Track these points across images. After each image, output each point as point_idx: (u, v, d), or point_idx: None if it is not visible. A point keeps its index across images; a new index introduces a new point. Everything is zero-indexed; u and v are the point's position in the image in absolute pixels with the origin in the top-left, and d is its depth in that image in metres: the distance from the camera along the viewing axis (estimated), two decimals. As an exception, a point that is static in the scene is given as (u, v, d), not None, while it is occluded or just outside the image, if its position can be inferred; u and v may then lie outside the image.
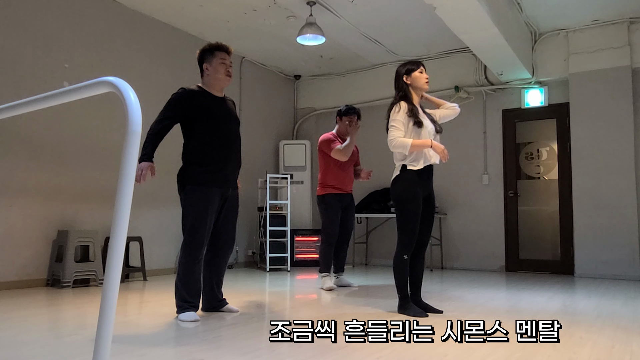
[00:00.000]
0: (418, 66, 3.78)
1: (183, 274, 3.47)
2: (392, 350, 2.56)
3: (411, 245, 3.61)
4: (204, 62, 3.64)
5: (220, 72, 3.59)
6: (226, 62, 3.62)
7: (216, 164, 3.53)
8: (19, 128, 5.00)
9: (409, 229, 3.59)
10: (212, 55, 3.61)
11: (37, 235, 5.10)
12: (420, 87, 3.78)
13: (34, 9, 5.18)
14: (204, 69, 3.64)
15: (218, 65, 3.59)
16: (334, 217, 5.05)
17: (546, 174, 7.04)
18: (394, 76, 3.85)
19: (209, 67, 3.61)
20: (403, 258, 3.59)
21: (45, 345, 2.74)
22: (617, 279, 6.09)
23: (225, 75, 3.61)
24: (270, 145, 8.35)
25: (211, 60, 3.60)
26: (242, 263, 7.61)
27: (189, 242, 3.47)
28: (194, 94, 3.54)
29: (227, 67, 3.61)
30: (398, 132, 3.60)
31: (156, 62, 6.38)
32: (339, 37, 6.91)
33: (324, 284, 4.99)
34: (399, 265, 3.60)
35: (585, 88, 6.53)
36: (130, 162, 1.40)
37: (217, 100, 3.63)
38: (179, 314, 3.44)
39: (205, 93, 3.60)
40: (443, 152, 3.59)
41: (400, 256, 3.59)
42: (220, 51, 3.62)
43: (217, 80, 3.61)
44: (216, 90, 3.65)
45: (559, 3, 5.99)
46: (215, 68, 3.59)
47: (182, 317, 3.38)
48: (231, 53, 3.68)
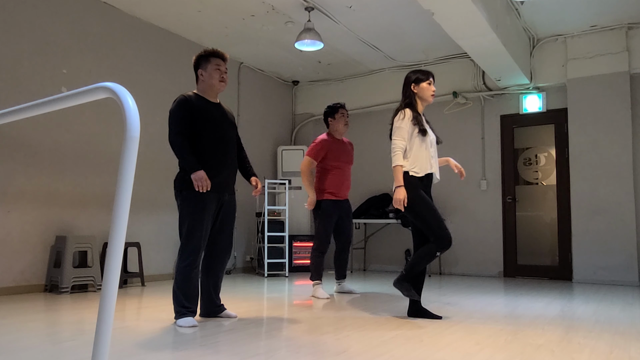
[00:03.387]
0: (427, 77, 3.82)
1: (181, 279, 3.47)
2: (390, 356, 2.56)
3: (447, 237, 3.56)
4: (199, 68, 3.67)
5: (214, 78, 3.62)
6: (221, 68, 3.65)
7: (212, 169, 3.55)
8: (17, 133, 5.00)
9: (434, 220, 3.58)
10: (207, 61, 3.64)
11: (35, 241, 5.09)
12: (426, 98, 3.82)
13: (32, 14, 5.19)
14: (199, 75, 3.67)
15: (213, 71, 3.62)
16: (328, 226, 4.98)
17: (544, 180, 7.05)
18: (403, 81, 3.90)
19: (203, 73, 3.64)
20: (435, 254, 3.59)
21: (44, 350, 2.73)
22: (615, 284, 6.09)
23: (220, 81, 3.65)
24: (268, 151, 8.36)
25: (206, 66, 3.63)
26: (240, 269, 7.60)
27: (186, 248, 3.47)
28: (191, 98, 3.58)
29: (221, 73, 3.65)
30: (401, 143, 3.63)
31: (154, 68, 6.39)
32: (337, 42, 6.93)
33: (315, 293, 4.88)
34: (427, 256, 3.58)
35: (584, 94, 6.55)
36: (128, 168, 1.40)
37: (213, 106, 3.66)
38: (176, 320, 3.44)
39: (201, 98, 3.63)
40: (397, 201, 3.57)
41: (434, 251, 3.58)
42: (215, 57, 3.65)
43: (212, 86, 3.64)
44: (211, 96, 3.68)
45: (558, 9, 6.01)
46: (210, 74, 3.62)
47: (180, 323, 3.38)
48: (226, 59, 3.71)
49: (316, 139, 5.13)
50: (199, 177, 3.39)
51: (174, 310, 3.49)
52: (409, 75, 3.86)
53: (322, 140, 5.08)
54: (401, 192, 3.55)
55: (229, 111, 3.84)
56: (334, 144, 5.09)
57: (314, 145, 5.06)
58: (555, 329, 3.34)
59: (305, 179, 4.98)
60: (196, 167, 3.42)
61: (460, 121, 7.46)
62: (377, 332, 3.17)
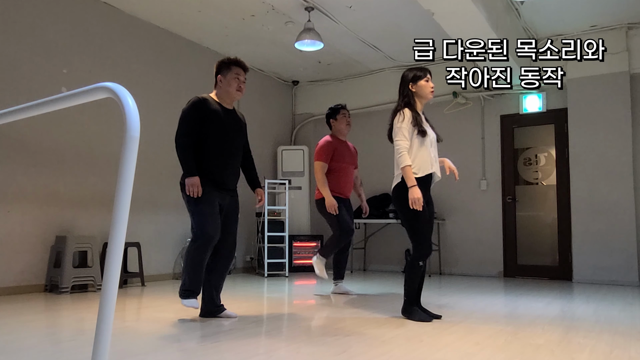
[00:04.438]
0: (425, 74, 3.76)
1: (191, 260, 3.54)
2: (390, 356, 2.56)
3: (428, 249, 3.60)
4: (219, 73, 3.74)
5: (232, 86, 3.70)
6: (240, 78, 3.73)
7: (212, 173, 3.61)
8: (17, 133, 5.00)
9: (423, 232, 3.59)
10: (228, 69, 3.72)
11: (35, 241, 5.09)
12: (425, 96, 3.76)
13: (32, 14, 5.18)
14: (217, 80, 3.75)
15: (232, 79, 3.70)
16: (341, 216, 4.89)
17: (544, 180, 7.05)
18: (400, 80, 3.82)
19: (222, 80, 3.72)
20: (418, 265, 3.59)
21: (44, 350, 2.73)
22: (615, 284, 6.09)
23: (237, 90, 3.72)
24: (268, 151, 8.36)
25: (226, 73, 3.71)
26: (240, 269, 7.60)
27: (199, 235, 3.53)
28: (206, 101, 3.65)
29: (239, 83, 3.73)
30: (404, 143, 3.60)
31: (154, 68, 6.39)
32: (337, 42, 6.93)
33: (317, 265, 4.91)
34: (413, 270, 3.60)
35: (584, 94, 6.55)
36: (128, 168, 1.41)
37: (226, 111, 3.73)
38: (182, 299, 3.57)
39: (215, 102, 3.71)
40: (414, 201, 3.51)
41: (416, 262, 3.59)
42: (236, 66, 3.73)
43: (228, 93, 3.72)
44: (226, 102, 3.76)
45: (558, 9, 6.01)
46: (229, 81, 3.70)
47: (184, 303, 3.55)
48: (247, 70, 3.80)
49: (320, 142, 5.13)
50: (192, 183, 3.49)
51: (180, 289, 3.58)
52: (405, 74, 3.79)
53: (327, 142, 5.09)
54: (416, 192, 3.49)
55: (242, 118, 3.92)
56: (338, 144, 5.10)
57: (320, 149, 5.05)
58: (555, 329, 3.34)
59: (322, 184, 4.93)
60: (193, 173, 3.51)
61: (460, 121, 7.45)
62: (377, 332, 3.17)
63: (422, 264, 3.59)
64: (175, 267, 6.45)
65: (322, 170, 4.97)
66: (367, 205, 5.36)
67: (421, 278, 3.74)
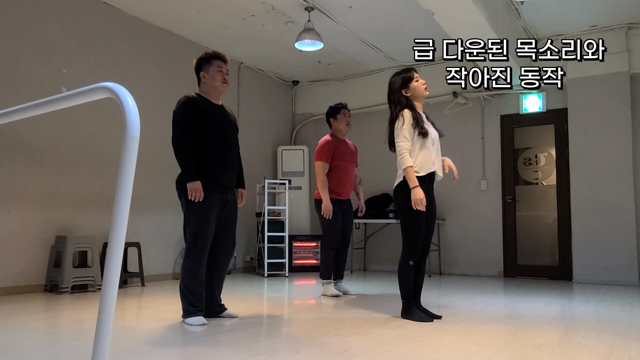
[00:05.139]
0: (412, 75, 3.72)
1: (188, 278, 3.50)
2: (390, 356, 2.56)
3: (416, 251, 3.61)
4: (201, 70, 3.69)
5: (217, 80, 3.65)
6: (223, 70, 3.68)
7: (215, 170, 3.58)
8: (17, 134, 5.00)
9: (415, 235, 3.59)
10: (209, 63, 3.66)
11: (35, 241, 5.09)
12: (420, 95, 3.73)
13: (32, 14, 5.18)
14: (201, 77, 3.70)
15: (215, 73, 3.65)
16: (334, 222, 4.96)
17: (544, 180, 7.05)
18: (388, 87, 3.77)
19: (205, 75, 3.67)
20: (409, 264, 3.59)
21: (44, 351, 2.73)
22: (615, 284, 6.09)
23: (222, 83, 3.67)
24: (268, 151, 8.36)
25: (208, 68, 3.66)
26: (240, 269, 7.60)
27: (193, 248, 3.50)
28: (195, 99, 3.60)
29: (223, 75, 3.68)
30: (406, 144, 3.58)
31: (154, 68, 6.39)
32: (337, 42, 6.93)
33: (326, 291, 4.92)
34: (404, 270, 3.61)
35: (584, 94, 6.54)
36: (128, 168, 1.40)
37: (216, 108, 3.69)
38: (185, 319, 3.47)
39: (204, 100, 3.65)
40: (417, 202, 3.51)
41: (406, 262, 3.59)
42: (216, 59, 3.67)
43: (214, 88, 3.67)
44: (214, 97, 3.71)
45: (558, 9, 6.01)
46: (212, 76, 3.65)
47: (189, 322, 3.42)
48: (227, 61, 3.74)
49: (320, 142, 5.12)
50: (195, 187, 3.44)
51: (183, 309, 3.52)
52: (393, 81, 3.72)
53: (327, 141, 5.09)
54: (419, 192, 3.49)
55: (231, 113, 3.88)
56: (338, 143, 5.10)
57: (320, 149, 5.05)
58: (555, 329, 3.34)
59: (322, 186, 4.93)
60: (194, 177, 3.46)
61: (460, 121, 7.45)
62: (377, 332, 3.17)
63: (412, 263, 3.59)
64: (175, 267, 6.45)
65: (324, 171, 4.96)
66: (364, 205, 5.35)
67: (421, 277, 3.74)
